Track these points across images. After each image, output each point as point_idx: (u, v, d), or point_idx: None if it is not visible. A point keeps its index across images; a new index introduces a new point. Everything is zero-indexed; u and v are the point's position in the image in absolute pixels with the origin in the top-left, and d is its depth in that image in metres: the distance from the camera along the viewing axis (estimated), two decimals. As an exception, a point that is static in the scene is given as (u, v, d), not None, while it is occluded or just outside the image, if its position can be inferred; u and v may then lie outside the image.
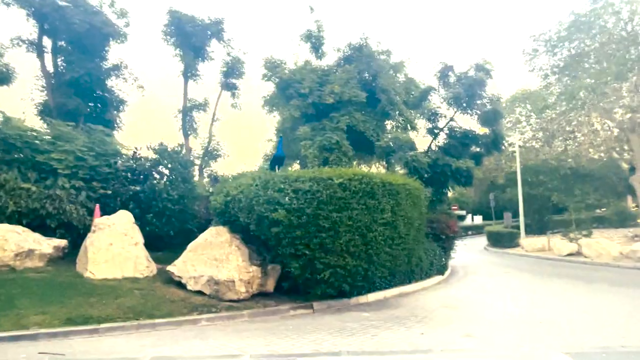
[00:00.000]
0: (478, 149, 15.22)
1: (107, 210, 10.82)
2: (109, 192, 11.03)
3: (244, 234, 9.92)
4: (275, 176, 8.99)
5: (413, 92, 19.93)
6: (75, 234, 10.61)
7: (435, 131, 14.79)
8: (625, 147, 26.29)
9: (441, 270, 14.76)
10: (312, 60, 21.17)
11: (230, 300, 8.61)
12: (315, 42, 20.88)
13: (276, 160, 10.30)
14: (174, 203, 11.46)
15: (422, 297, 11.14)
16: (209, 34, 20.02)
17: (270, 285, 9.29)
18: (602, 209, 30.60)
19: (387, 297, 10.88)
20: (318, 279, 8.81)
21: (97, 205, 10.55)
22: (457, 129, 14.81)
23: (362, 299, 10.07)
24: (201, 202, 13.56)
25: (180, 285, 9.05)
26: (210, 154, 22.41)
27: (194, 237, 11.35)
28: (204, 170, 22.10)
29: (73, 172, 10.70)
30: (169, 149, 11.78)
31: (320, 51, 21.06)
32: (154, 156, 11.84)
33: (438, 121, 14.64)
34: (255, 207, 8.82)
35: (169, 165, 11.79)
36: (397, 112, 19.10)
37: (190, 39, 19.55)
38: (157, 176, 11.79)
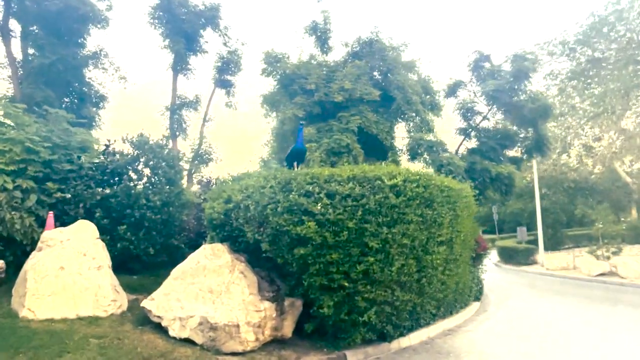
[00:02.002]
0: (517, 153, 12.74)
1: (65, 220, 7.91)
2: (69, 195, 8.10)
3: (251, 254, 7.12)
4: (299, 175, 6.24)
5: (430, 93, 17.47)
6: (20, 252, 7.67)
7: (469, 131, 12.23)
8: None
9: (477, 295, 12.15)
10: (317, 55, 18.62)
11: (233, 354, 5.75)
12: (321, 35, 18.34)
13: (295, 155, 7.55)
14: (155, 211, 8.57)
15: (473, 336, 8.46)
16: (202, 21, 17.29)
17: (287, 329, 6.45)
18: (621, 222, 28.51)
19: (432, 337, 8.14)
20: (358, 321, 6.04)
21: (51, 214, 7.62)
22: (492, 129, 12.29)
23: (404, 341, 7.28)
24: (191, 210, 10.68)
25: (160, 329, 6.15)
26: (200, 158, 19.50)
27: (181, 256, 8.49)
28: (194, 176, 19.14)
29: (20, 168, 7.76)
30: (151, 142, 8.92)
31: (326, 45, 18.52)
32: (132, 151, 8.96)
33: (473, 119, 12.10)
34: (270, 218, 6.04)
35: (151, 163, 8.91)
36: (414, 113, 16.55)
37: (182, 25, 16.78)
38: (135, 176, 8.90)
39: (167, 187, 8.88)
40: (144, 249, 8.47)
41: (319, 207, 5.68)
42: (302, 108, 16.92)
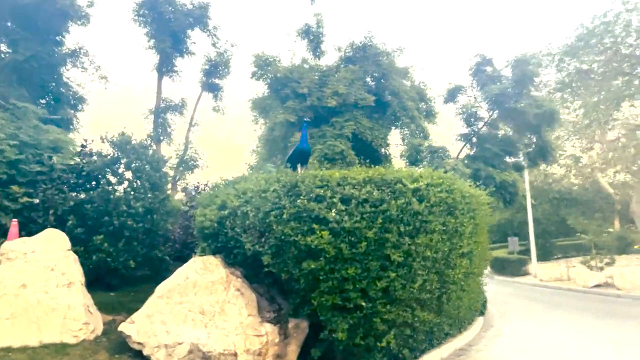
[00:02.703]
0: (519, 160, 12.18)
1: (32, 229, 6.83)
2: (37, 201, 7.03)
3: (247, 267, 6.20)
4: (306, 177, 5.39)
5: (425, 100, 16.92)
6: (-23, 266, 6.51)
7: (471, 137, 11.61)
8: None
9: (482, 309, 11.42)
10: (309, 59, 17.90)
11: (230, 388, 4.79)
12: (313, 39, 17.66)
13: (298, 155, 6.66)
14: (137, 219, 7.55)
15: (488, 356, 7.71)
16: (190, 20, 16.36)
17: (292, 355, 5.51)
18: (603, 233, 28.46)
19: (444, 359, 7.35)
20: (374, 345, 5.17)
21: (14, 222, 6.54)
22: (495, 135, 11.71)
23: (417, 364, 6.43)
24: (176, 219, 9.68)
25: (142, 359, 5.15)
26: (185, 164, 18.40)
27: (165, 269, 7.52)
28: (178, 183, 18.02)
29: (-20, 169, 6.67)
30: (133, 142, 7.91)
31: (319, 50, 17.83)
32: (112, 152, 7.94)
33: (476, 124, 11.49)
34: (273, 226, 5.15)
35: (133, 165, 7.90)
36: (409, 119, 15.93)
37: (168, 24, 15.81)
38: (115, 180, 7.87)
39: (151, 192, 7.88)
40: (124, 261, 7.42)
41: (333, 214, 4.82)
42: (294, 113, 16.12)
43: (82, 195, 7.59)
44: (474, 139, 11.89)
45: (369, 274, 4.88)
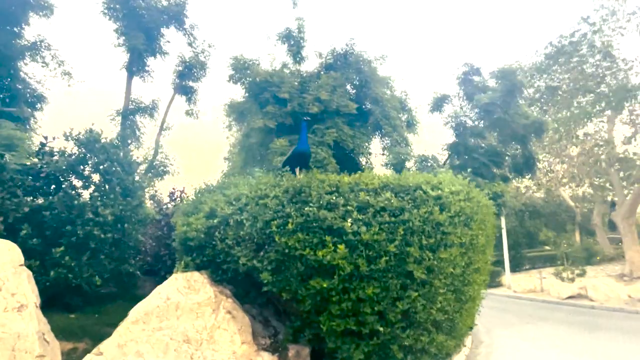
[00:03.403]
0: (504, 171, 11.97)
1: (-24, 240, 5.65)
2: (-16, 206, 5.88)
3: (237, 285, 5.37)
4: (312, 181, 4.66)
5: (406, 110, 16.62)
6: None
7: (459, 146, 11.28)
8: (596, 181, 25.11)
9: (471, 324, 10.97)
10: (289, 64, 17.25)
11: None
12: (294, 43, 17.02)
13: (297, 158, 5.90)
14: (106, 229, 6.51)
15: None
16: (165, 17, 15.31)
17: (292, 388, 4.70)
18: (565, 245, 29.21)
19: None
20: (390, 376, 4.46)
21: (-47, 230, 5.39)
22: (483, 145, 11.45)
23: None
24: (149, 228, 8.66)
25: (111, 400, 4.18)
26: (155, 170, 17.13)
27: (134, 285, 6.57)
28: (146, 190, 16.67)
29: None
30: (102, 140, 6.88)
31: (299, 55, 17.19)
32: (78, 151, 6.87)
33: (464, 134, 11.18)
34: (275, 238, 4.37)
35: (102, 167, 6.87)
36: (391, 128, 15.53)
37: (141, 20, 14.69)
38: (80, 183, 6.79)
39: (122, 198, 6.86)
40: (88, 277, 6.34)
41: (349, 224, 4.11)
42: (274, 118, 15.36)
43: (40, 201, 6.47)
44: (462, 149, 11.56)
45: (387, 294, 4.19)
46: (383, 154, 17.34)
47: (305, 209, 4.31)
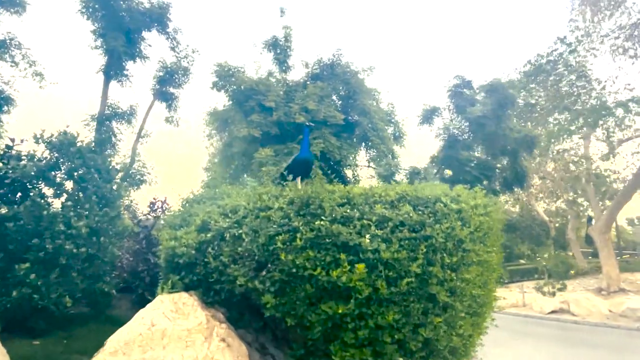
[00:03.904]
0: (494, 185, 11.81)
1: None
2: None
3: (231, 307, 4.77)
4: (319, 192, 4.16)
5: (393, 122, 16.42)
6: None
7: (451, 159, 11.05)
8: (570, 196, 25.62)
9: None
10: (275, 72, 16.85)
11: None
12: (280, 52, 16.68)
13: (299, 166, 5.36)
14: (79, 242, 5.78)
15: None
16: (147, 19, 14.62)
17: None
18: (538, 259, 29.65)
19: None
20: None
21: None
22: (474, 158, 11.28)
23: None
24: (126, 242, 7.91)
25: None
26: (131, 179, 16.20)
27: (107, 305, 5.91)
28: (121, 201, 15.68)
29: None
30: (78, 143, 6.17)
31: (286, 64, 16.86)
32: (49, 155, 6.13)
33: (456, 146, 10.97)
34: (281, 255, 3.84)
35: (77, 173, 6.15)
36: (379, 140, 15.27)
37: (121, 21, 13.95)
38: (51, 191, 6.04)
39: (99, 208, 6.15)
40: (57, 298, 5.57)
41: (367, 241, 3.63)
42: (259, 127, 14.86)
43: (3, 210, 5.68)
44: (455, 162, 11.34)
45: (408, 320, 3.70)
46: (369, 166, 17.07)
47: (316, 222, 3.80)
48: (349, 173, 16.22)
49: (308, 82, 16.56)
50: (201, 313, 4.39)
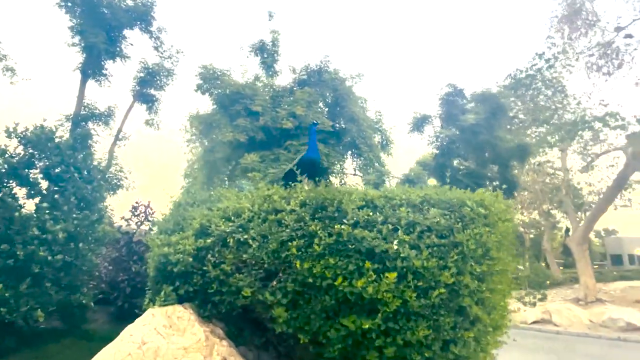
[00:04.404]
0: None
1: None
2: None
3: (230, 323, 4.27)
4: (337, 193, 3.77)
5: (381, 130, 16.25)
6: None
7: (444, 168, 10.88)
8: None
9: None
10: (261, 77, 16.43)
11: None
12: (267, 56, 16.31)
13: (305, 167, 4.94)
14: (55, 249, 5.14)
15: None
16: (130, 17, 13.94)
17: None
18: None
19: None
20: None
21: None
22: (466, 167, 11.17)
23: None
24: (105, 249, 7.25)
25: None
26: (107, 184, 15.30)
27: (83, 319, 5.35)
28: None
29: None
30: (56, 139, 5.56)
31: (272, 68, 16.49)
32: (23, 151, 5.48)
33: (450, 155, 10.81)
34: (295, 263, 3.41)
35: (54, 171, 5.52)
36: (367, 147, 15.05)
37: (101, 18, 13.24)
38: (24, 191, 5.39)
39: (79, 211, 5.53)
40: (27, 311, 4.90)
41: (395, 247, 3.25)
42: (245, 132, 14.37)
43: (-33, 212, 5.00)
44: (448, 170, 11.19)
45: (438, 336, 3.32)
46: (355, 174, 16.79)
47: (336, 226, 3.39)
48: (335, 181, 15.89)
49: (295, 88, 16.24)
50: (199, 328, 3.87)
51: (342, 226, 3.39)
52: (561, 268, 32.38)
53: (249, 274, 3.75)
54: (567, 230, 25.23)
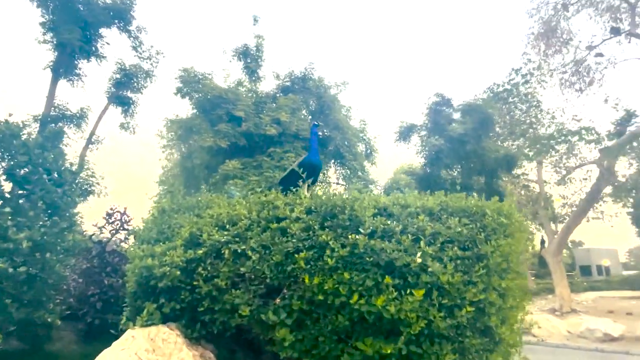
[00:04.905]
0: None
1: None
2: None
3: (220, 344, 3.78)
4: (345, 199, 3.38)
5: (365, 139, 16.05)
6: None
7: (433, 177, 10.70)
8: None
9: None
10: (244, 82, 15.97)
11: None
12: (251, 61, 15.88)
13: (304, 170, 4.53)
14: (18, 261, 4.51)
15: None
16: (108, 16, 13.23)
17: None
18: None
19: None
20: None
21: None
22: (453, 177, 11.02)
23: None
24: (75, 260, 6.58)
25: None
26: (79, 188, 14.35)
27: (49, 339, 4.75)
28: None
29: None
30: (22, 136, 4.94)
31: (256, 74, 16.05)
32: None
33: (438, 165, 10.65)
34: (303, 279, 2.98)
35: (20, 172, 4.90)
36: (352, 156, 14.78)
37: (76, 14, 12.48)
38: (-18, 194, 4.74)
39: (47, 217, 4.92)
40: (-19, 332, 4.24)
41: (418, 260, 2.88)
42: (226, 138, 13.82)
43: None
44: (435, 180, 11.01)
45: (465, 358, 2.96)
46: (338, 183, 16.46)
47: (350, 236, 3.00)
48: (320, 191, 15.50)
49: (278, 95, 15.87)
50: (187, 353, 3.37)
51: (358, 236, 2.99)
52: (533, 279, 32.93)
53: (247, 290, 3.30)
54: (543, 241, 25.63)
